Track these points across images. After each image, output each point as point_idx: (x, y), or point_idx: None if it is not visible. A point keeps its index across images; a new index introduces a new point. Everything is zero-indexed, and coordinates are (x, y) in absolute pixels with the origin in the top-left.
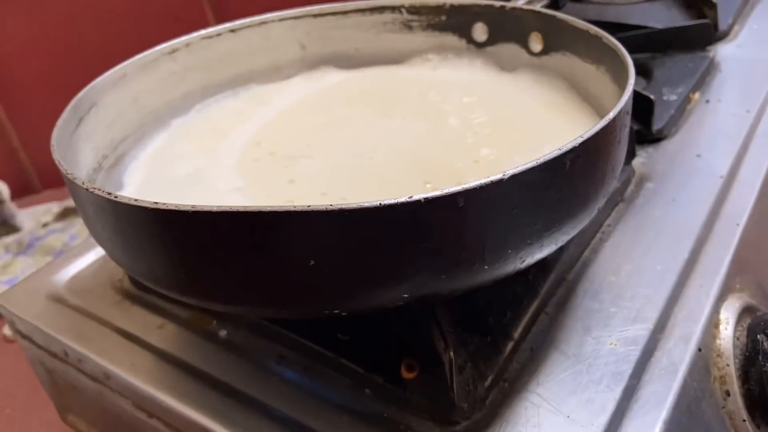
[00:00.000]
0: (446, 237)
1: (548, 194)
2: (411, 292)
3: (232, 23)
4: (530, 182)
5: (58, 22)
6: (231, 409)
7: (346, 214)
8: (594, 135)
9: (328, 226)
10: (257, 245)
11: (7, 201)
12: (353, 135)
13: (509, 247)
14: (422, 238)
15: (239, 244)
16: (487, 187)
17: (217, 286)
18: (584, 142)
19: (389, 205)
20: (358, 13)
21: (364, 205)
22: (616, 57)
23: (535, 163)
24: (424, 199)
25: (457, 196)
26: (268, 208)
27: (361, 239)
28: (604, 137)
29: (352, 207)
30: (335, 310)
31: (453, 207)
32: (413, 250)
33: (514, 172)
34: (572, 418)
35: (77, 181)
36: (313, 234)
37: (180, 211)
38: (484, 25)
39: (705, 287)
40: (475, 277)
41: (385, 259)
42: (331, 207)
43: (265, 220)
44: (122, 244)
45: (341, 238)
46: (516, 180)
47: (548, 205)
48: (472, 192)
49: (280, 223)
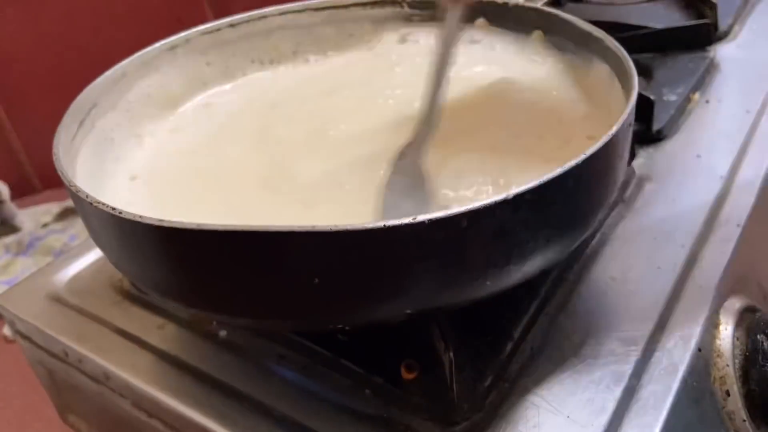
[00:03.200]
0: (449, 256)
1: (551, 211)
2: (413, 308)
3: (231, 18)
4: (533, 201)
5: (58, 22)
6: (231, 409)
7: (351, 234)
8: (597, 151)
9: (332, 246)
10: (262, 263)
11: (7, 201)
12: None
13: (512, 263)
14: (425, 258)
15: (244, 262)
16: (491, 207)
17: (222, 299)
18: (587, 159)
19: (393, 226)
20: (359, 6)
21: (367, 226)
22: (618, 60)
23: (539, 182)
24: (427, 220)
25: (461, 217)
26: (273, 227)
27: (364, 258)
28: (607, 152)
29: (357, 228)
30: (339, 324)
31: (456, 227)
32: (416, 269)
33: (517, 191)
34: (572, 419)
35: (81, 195)
36: (317, 253)
37: (185, 230)
38: (486, 22)
39: (705, 287)
40: (477, 293)
41: (388, 278)
42: (336, 228)
43: (269, 239)
44: (127, 257)
45: (345, 257)
46: (519, 200)
47: (551, 221)
48: (475, 213)
49: (284, 243)
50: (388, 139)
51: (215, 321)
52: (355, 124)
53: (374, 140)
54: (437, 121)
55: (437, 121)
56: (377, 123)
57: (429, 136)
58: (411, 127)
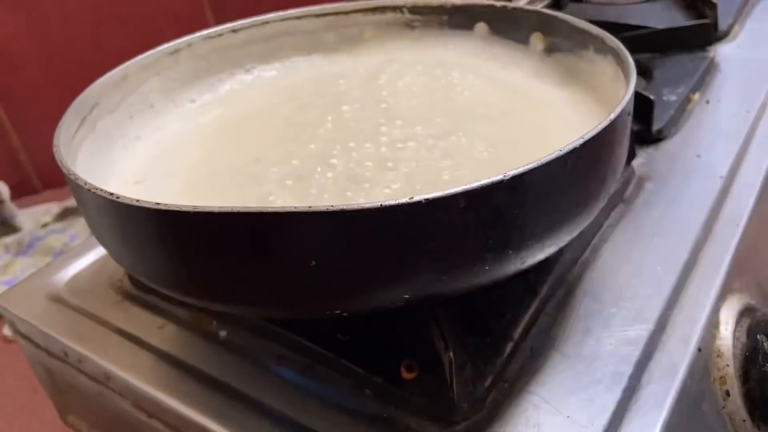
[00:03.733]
0: (447, 238)
1: (550, 195)
2: (411, 293)
3: (233, 23)
4: (532, 183)
5: (59, 23)
6: (231, 409)
7: (347, 214)
8: (596, 135)
9: (328, 227)
10: (258, 246)
11: (7, 201)
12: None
13: (510, 248)
14: (423, 239)
15: (240, 245)
16: (488, 187)
17: (218, 286)
18: (586, 143)
19: (390, 206)
20: (360, 13)
21: (364, 206)
22: (618, 57)
23: (537, 164)
24: (424, 200)
25: (459, 197)
26: (269, 209)
27: (361, 240)
28: (606, 137)
29: (353, 208)
30: (336, 310)
31: (454, 208)
32: (414, 251)
33: (515, 173)
34: (572, 419)
35: (79, 182)
36: (313, 235)
37: (182, 212)
38: (486, 25)
39: (705, 287)
40: (476, 278)
41: (386, 260)
42: (332, 208)
43: (266, 221)
44: (124, 245)
45: (342, 238)
46: (517, 181)
47: (549, 206)
48: (473, 193)
49: (281, 224)
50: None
51: (215, 319)
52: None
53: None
54: None
55: None
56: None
57: None
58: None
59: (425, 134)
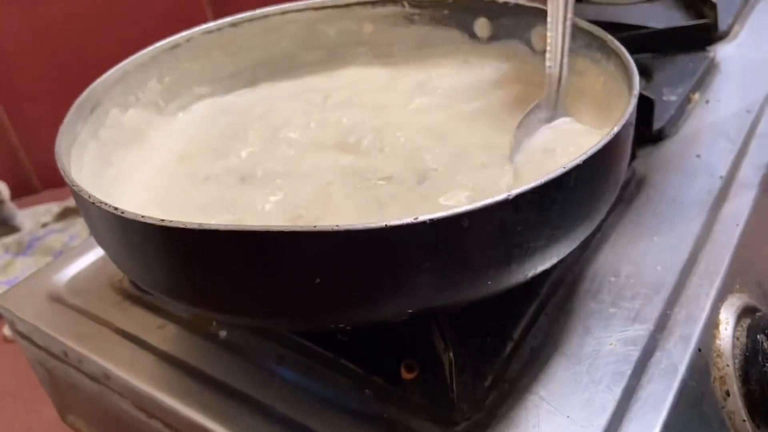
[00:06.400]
0: (450, 256)
1: (552, 211)
2: (414, 308)
3: (232, 17)
4: (534, 201)
5: (58, 22)
6: (231, 409)
7: (352, 234)
8: (598, 151)
9: (333, 246)
10: (263, 263)
11: (7, 201)
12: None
13: (513, 263)
14: (426, 258)
15: (245, 262)
16: (491, 207)
17: (223, 299)
18: (588, 159)
19: (394, 226)
20: (360, 5)
21: (369, 226)
22: (619, 60)
23: (540, 182)
24: (429, 220)
25: (462, 216)
26: (275, 227)
27: (365, 259)
28: (608, 152)
29: (358, 228)
30: (339, 324)
31: (457, 227)
32: (417, 269)
33: (518, 192)
34: (572, 419)
35: (83, 194)
36: (318, 253)
37: (187, 229)
38: (487, 21)
39: (705, 287)
40: (478, 293)
41: (390, 278)
42: (337, 228)
43: (271, 240)
44: (129, 257)
45: (346, 257)
46: (520, 200)
47: (552, 221)
48: (476, 213)
49: (286, 243)
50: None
51: (215, 321)
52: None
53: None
54: (566, 77)
55: (566, 77)
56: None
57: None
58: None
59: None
